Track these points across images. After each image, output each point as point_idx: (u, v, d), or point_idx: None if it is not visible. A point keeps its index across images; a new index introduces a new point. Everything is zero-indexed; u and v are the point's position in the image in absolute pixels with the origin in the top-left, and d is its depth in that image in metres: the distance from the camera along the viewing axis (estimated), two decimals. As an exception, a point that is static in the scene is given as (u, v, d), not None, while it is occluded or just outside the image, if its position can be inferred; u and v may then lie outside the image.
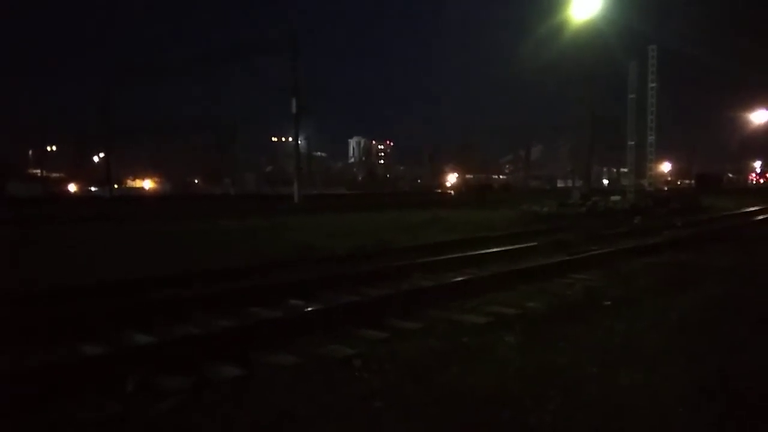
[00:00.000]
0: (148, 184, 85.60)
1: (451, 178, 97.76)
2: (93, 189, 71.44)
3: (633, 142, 27.19)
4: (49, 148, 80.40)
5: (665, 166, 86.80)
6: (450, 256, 9.03)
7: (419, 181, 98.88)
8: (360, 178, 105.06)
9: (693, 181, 77.02)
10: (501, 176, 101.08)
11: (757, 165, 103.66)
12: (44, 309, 5.60)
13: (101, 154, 65.22)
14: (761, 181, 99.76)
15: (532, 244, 10.68)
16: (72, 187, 74.88)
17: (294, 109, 38.45)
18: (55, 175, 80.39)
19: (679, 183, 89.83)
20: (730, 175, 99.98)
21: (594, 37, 24.37)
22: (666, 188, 57.89)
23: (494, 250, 9.78)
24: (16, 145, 77.83)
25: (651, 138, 26.28)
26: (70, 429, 3.06)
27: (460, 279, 7.11)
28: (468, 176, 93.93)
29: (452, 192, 69.37)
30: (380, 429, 2.97)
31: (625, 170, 37.65)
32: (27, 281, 7.07)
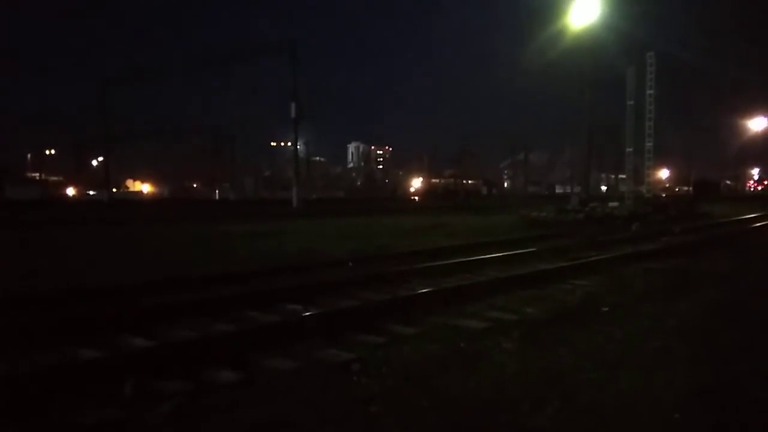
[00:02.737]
0: (146, 188, 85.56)
1: (416, 183, 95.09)
2: (91, 193, 71.34)
3: (631, 149, 27.28)
4: (47, 152, 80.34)
5: (663, 173, 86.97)
6: (449, 261, 9.04)
7: None
8: (359, 183, 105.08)
9: (691, 188, 77.14)
10: (471, 181, 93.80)
11: (755, 172, 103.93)
12: (39, 312, 5.59)
13: (100, 158, 65.19)
14: (759, 188, 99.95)
15: (530, 249, 10.69)
16: (70, 191, 74.80)
17: (293, 114, 38.49)
18: (53, 178, 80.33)
19: (677, 189, 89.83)
20: (728, 182, 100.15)
21: (592, 44, 24.44)
22: (664, 195, 57.94)
23: (493, 255, 9.79)
24: (14, 148, 77.80)
25: (649, 144, 26.37)
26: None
27: (458, 284, 7.12)
28: (434, 180, 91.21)
29: (416, 198, 65.82)
30: (379, 433, 2.97)
31: (624, 177, 37.78)
32: (23, 283, 7.07)
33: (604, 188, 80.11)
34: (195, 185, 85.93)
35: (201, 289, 6.79)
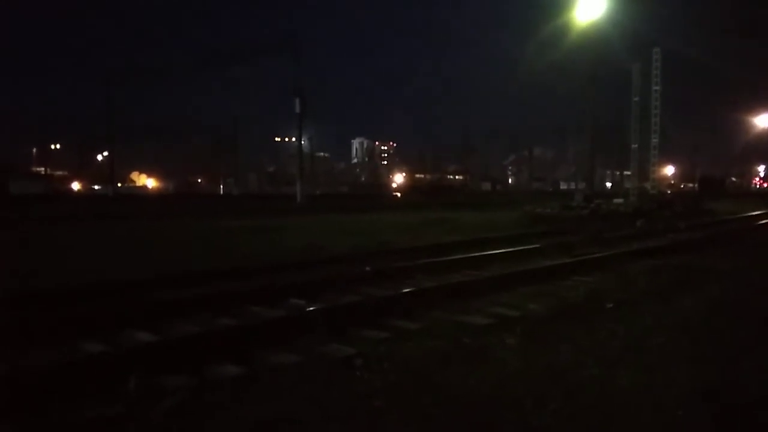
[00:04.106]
0: (151, 182, 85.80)
1: (398, 178, 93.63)
2: (96, 187, 71.60)
3: (636, 145, 27.17)
4: (52, 146, 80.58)
5: (668, 170, 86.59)
6: (452, 257, 9.03)
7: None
8: (362, 179, 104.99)
9: (696, 185, 76.82)
10: (457, 176, 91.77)
11: (761, 169, 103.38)
12: (49, 309, 5.60)
13: (104, 153, 65.41)
14: (765, 185, 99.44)
15: (534, 246, 10.67)
16: (75, 186, 75.03)
17: (297, 110, 38.50)
18: (58, 173, 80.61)
19: (682, 186, 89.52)
20: (733, 179, 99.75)
21: (597, 40, 24.34)
22: (669, 191, 57.72)
23: (497, 251, 9.77)
24: (19, 143, 78.10)
25: (654, 141, 26.24)
26: (71, 429, 3.06)
27: (461, 280, 7.10)
28: (418, 176, 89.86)
29: (398, 194, 63.86)
30: (381, 428, 2.97)
31: (628, 173, 37.65)
32: (24, 282, 7.08)
33: (608, 185, 79.91)
34: (199, 180, 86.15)
35: (204, 285, 6.79)
